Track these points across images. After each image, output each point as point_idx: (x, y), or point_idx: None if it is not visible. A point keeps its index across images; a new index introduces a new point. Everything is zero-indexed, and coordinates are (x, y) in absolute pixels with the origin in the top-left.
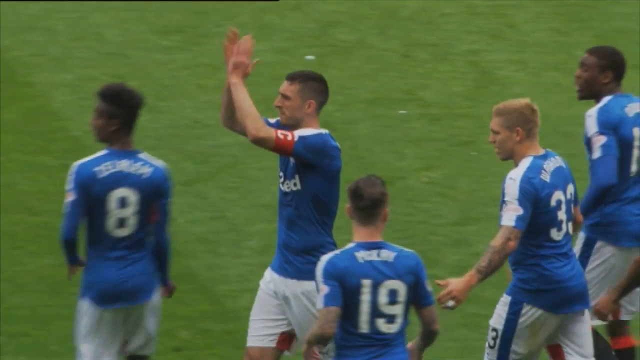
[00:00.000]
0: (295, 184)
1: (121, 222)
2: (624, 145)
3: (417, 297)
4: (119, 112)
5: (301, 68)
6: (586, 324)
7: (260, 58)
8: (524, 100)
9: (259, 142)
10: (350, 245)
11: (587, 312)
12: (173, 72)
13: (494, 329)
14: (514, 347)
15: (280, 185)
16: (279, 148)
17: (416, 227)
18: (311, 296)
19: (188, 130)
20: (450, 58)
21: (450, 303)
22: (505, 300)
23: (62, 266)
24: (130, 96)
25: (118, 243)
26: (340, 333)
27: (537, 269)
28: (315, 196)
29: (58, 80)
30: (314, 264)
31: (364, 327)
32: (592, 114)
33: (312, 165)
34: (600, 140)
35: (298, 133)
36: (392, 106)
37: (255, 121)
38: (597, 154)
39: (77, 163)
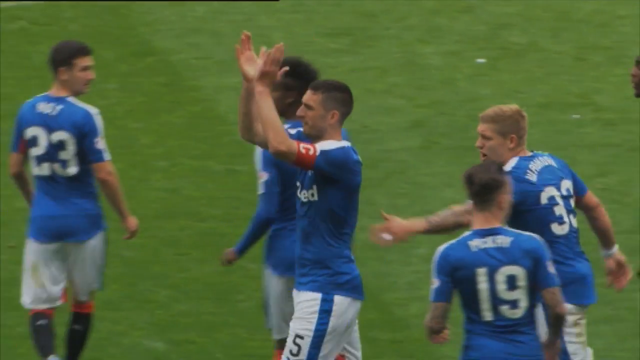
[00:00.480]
0: (312, 195)
1: None
2: None
3: (538, 280)
4: (296, 85)
5: (471, 71)
6: None
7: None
8: (514, 106)
9: (281, 155)
10: (466, 233)
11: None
12: (341, 75)
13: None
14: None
15: (298, 195)
16: (300, 162)
17: (590, 234)
18: (312, 305)
19: (356, 135)
20: (625, 61)
21: (387, 236)
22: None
23: (228, 273)
24: (306, 69)
25: None
26: (465, 320)
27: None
28: (331, 209)
29: (224, 84)
30: (327, 275)
31: (487, 315)
32: None
33: (332, 179)
34: None
35: (320, 147)
36: (565, 110)
37: (279, 133)
38: None
39: None
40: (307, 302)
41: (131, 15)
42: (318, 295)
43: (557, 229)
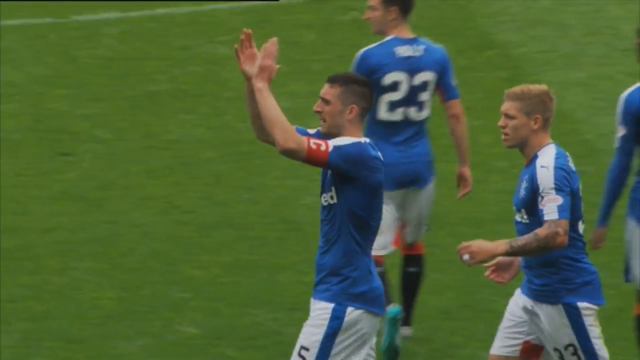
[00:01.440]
0: (332, 197)
1: None
2: None
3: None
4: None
5: None
6: None
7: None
8: (543, 86)
9: (289, 153)
10: None
11: None
12: None
13: (570, 345)
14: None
15: (320, 199)
16: (311, 159)
17: None
18: (323, 316)
19: None
20: None
21: (466, 257)
22: (562, 309)
23: None
24: None
25: None
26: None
27: (575, 264)
28: (351, 211)
29: (569, 79)
30: (343, 283)
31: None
32: None
33: (350, 177)
34: None
35: (333, 142)
36: None
37: (285, 129)
38: None
39: None
40: (319, 310)
41: (470, 7)
42: (330, 306)
43: (580, 227)
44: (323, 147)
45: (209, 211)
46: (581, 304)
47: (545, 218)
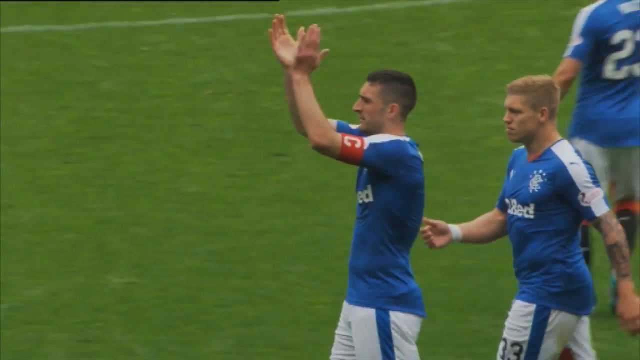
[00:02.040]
0: (367, 195)
1: None
2: None
3: None
4: None
5: None
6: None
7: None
8: (547, 77)
9: (322, 149)
10: None
11: None
12: None
13: (516, 343)
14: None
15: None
16: (345, 156)
17: None
18: (367, 325)
19: None
20: None
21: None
22: (526, 309)
23: None
24: None
25: None
26: None
27: (563, 267)
28: (388, 210)
29: None
30: (380, 286)
31: None
32: None
33: (386, 176)
34: None
35: (369, 139)
36: None
37: (319, 124)
38: None
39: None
40: (362, 320)
41: None
42: (372, 312)
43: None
44: (358, 144)
45: (426, 214)
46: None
47: (597, 214)
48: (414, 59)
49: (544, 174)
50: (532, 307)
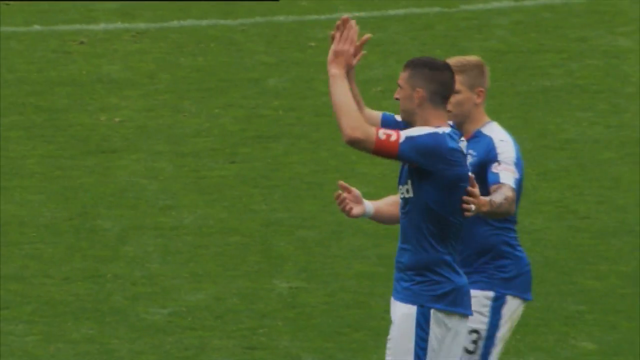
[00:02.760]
0: (407, 190)
1: None
2: None
3: None
4: None
5: None
6: None
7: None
8: (477, 57)
9: (355, 143)
10: None
11: None
12: None
13: (474, 331)
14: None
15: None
16: (381, 150)
17: None
18: (407, 322)
19: None
20: None
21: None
22: (485, 295)
23: None
24: None
25: None
26: None
27: (512, 251)
28: (428, 207)
29: None
30: (423, 284)
31: None
32: None
33: (425, 170)
34: None
35: (406, 132)
36: None
37: (352, 118)
38: None
39: None
40: (403, 316)
41: None
42: (413, 309)
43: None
44: (393, 138)
45: (607, 217)
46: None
47: (503, 181)
48: (593, 55)
49: (475, 154)
50: (490, 294)
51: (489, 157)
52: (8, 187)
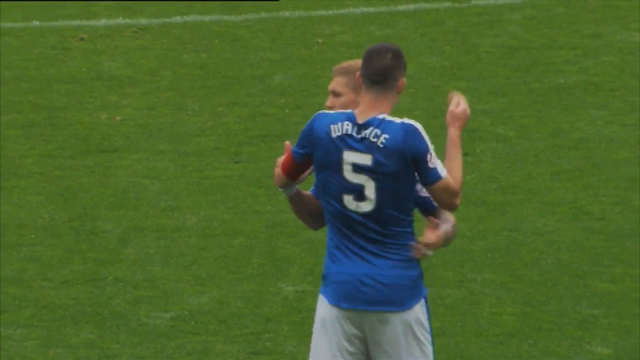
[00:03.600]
0: None
1: None
2: None
3: None
4: None
5: None
6: None
7: None
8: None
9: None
10: None
11: None
12: None
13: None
14: None
15: None
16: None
17: None
18: None
19: None
20: None
21: (429, 252)
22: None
23: None
24: None
25: None
26: None
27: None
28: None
29: None
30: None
31: None
32: None
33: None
34: None
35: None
36: None
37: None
38: None
39: None
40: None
41: None
42: None
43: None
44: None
45: (622, 218)
46: None
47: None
48: (608, 51)
49: None
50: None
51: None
52: (6, 188)
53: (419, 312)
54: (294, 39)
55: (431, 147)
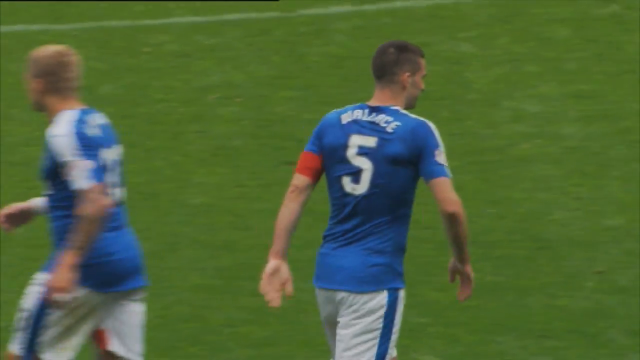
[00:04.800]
0: None
1: None
2: None
3: None
4: None
5: None
6: None
7: None
8: (60, 47)
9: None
10: None
11: None
12: None
13: None
14: None
15: None
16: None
17: None
18: None
19: None
20: None
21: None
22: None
23: None
24: None
25: None
26: None
27: None
28: None
29: None
30: None
31: None
32: None
33: None
34: None
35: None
36: None
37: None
38: None
39: None
40: None
41: None
42: None
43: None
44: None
45: None
46: None
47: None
48: (435, 60)
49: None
50: None
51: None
52: None
53: (375, 301)
54: (121, 49)
55: (442, 147)
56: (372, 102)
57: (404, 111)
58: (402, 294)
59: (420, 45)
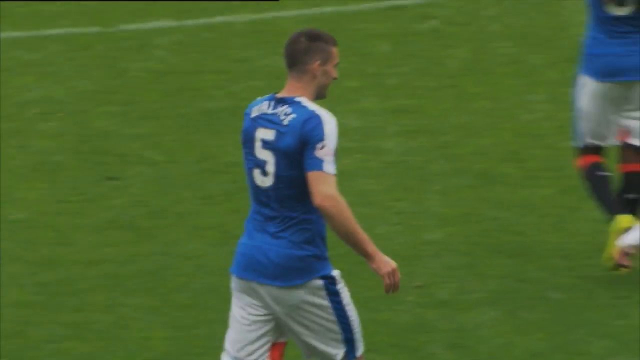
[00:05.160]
0: None
1: None
2: None
3: None
4: None
5: None
6: None
7: None
8: None
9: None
10: None
11: None
12: None
13: None
14: None
15: None
16: None
17: None
18: None
19: None
20: None
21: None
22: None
23: None
24: None
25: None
26: None
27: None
28: None
29: None
30: None
31: None
32: None
33: None
34: None
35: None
36: None
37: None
38: None
39: None
40: None
41: (563, 13)
42: None
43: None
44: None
45: None
46: None
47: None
48: (256, 75)
49: None
50: None
51: None
52: None
53: (309, 290)
54: None
55: (330, 142)
56: (281, 93)
57: (307, 102)
58: (337, 277)
59: (240, 60)
